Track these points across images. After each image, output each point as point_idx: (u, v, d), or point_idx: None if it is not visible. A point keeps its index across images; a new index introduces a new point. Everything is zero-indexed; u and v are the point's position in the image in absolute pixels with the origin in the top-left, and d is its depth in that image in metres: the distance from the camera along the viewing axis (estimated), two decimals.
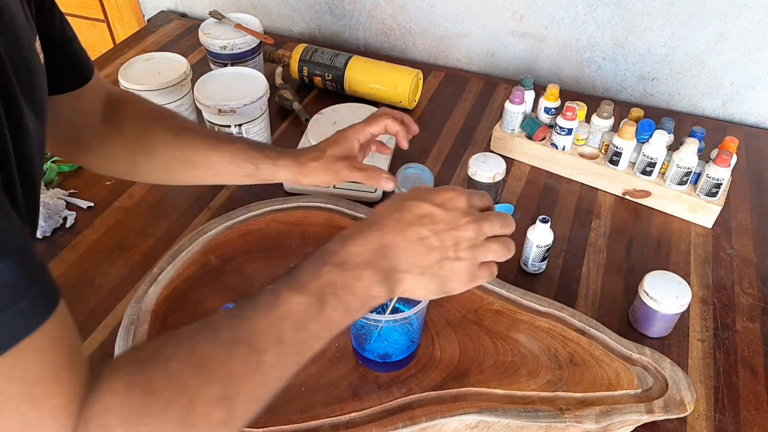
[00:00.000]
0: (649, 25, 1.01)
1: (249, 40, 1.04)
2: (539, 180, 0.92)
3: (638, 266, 0.79)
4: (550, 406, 0.59)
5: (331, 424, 0.58)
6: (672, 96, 1.08)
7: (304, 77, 1.08)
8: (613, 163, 0.87)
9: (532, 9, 1.07)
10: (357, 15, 1.20)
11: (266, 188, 0.90)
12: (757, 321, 0.73)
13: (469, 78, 1.14)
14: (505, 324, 0.67)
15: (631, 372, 0.62)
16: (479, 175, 0.83)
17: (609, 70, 1.09)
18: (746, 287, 0.77)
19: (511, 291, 0.69)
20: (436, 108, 1.07)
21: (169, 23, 1.31)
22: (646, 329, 0.70)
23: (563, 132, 0.88)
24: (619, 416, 0.58)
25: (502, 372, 0.62)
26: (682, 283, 0.68)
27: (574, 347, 0.64)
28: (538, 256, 0.75)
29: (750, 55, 0.98)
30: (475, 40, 1.15)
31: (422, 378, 0.61)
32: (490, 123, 1.03)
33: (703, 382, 0.66)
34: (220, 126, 0.87)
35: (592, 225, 0.85)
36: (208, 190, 0.90)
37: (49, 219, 0.82)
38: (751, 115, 1.05)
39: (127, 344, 0.63)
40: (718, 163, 0.79)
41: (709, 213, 0.83)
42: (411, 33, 1.19)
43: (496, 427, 0.59)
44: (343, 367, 0.63)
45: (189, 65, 0.93)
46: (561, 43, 1.09)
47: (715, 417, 0.63)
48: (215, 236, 0.75)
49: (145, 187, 0.90)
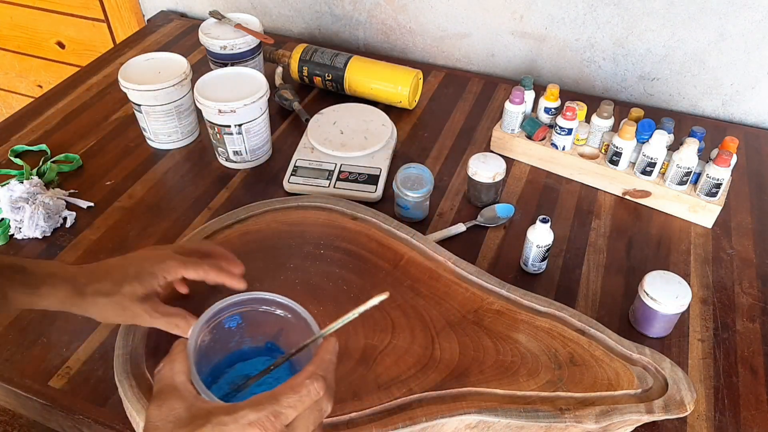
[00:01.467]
0: (649, 25, 1.01)
1: (249, 40, 1.04)
2: (539, 180, 0.92)
3: (638, 266, 0.79)
4: (550, 406, 0.59)
5: (331, 424, 0.58)
6: (672, 96, 1.08)
7: (304, 77, 1.08)
8: (613, 163, 0.87)
9: (532, 9, 1.07)
10: (357, 15, 1.20)
11: (266, 188, 0.90)
12: (757, 321, 0.73)
13: (469, 78, 1.14)
14: (505, 324, 0.67)
15: (631, 372, 0.62)
16: (479, 175, 0.83)
17: (609, 70, 1.09)
18: (746, 287, 0.77)
19: (511, 291, 0.69)
20: (436, 108, 1.07)
21: (169, 23, 1.31)
22: (646, 329, 0.70)
23: (563, 132, 0.88)
24: (619, 416, 0.58)
25: (502, 372, 0.62)
26: (682, 283, 0.68)
27: (574, 347, 0.64)
28: (538, 256, 0.75)
29: (750, 55, 0.98)
30: (475, 40, 1.15)
31: (422, 378, 0.61)
32: (490, 123, 1.03)
33: (703, 382, 0.66)
34: (220, 126, 0.87)
35: (592, 225, 0.85)
36: (208, 190, 0.90)
37: (49, 219, 0.82)
38: (751, 115, 1.05)
39: (128, 344, 0.63)
40: (718, 163, 0.79)
41: (709, 213, 0.83)
42: (411, 33, 1.19)
43: (496, 427, 0.59)
44: (343, 367, 0.63)
45: (189, 65, 0.93)
46: (561, 43, 1.09)
47: (715, 417, 0.63)
48: (215, 236, 0.75)
49: (145, 187, 0.90)
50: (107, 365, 0.66)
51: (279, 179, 0.90)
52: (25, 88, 1.70)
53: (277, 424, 0.40)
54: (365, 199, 0.86)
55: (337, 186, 0.87)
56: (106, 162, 0.94)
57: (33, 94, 1.70)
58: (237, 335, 0.56)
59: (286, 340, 0.55)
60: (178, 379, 0.44)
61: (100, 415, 0.63)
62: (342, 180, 0.87)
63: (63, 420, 0.65)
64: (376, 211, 0.79)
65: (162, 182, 0.91)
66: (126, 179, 0.91)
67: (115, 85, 1.10)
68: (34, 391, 0.65)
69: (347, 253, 0.74)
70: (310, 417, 0.43)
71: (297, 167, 0.89)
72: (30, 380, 0.66)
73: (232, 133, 0.88)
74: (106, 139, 0.99)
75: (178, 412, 0.41)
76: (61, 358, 0.68)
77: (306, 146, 0.92)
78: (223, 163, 0.94)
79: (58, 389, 0.65)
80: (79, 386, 0.65)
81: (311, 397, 0.42)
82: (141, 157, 0.95)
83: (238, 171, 0.93)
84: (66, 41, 1.53)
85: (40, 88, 1.68)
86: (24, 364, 0.67)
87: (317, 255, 0.73)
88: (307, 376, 0.43)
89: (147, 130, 0.95)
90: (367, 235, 0.75)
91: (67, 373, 0.66)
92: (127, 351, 0.62)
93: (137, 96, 0.90)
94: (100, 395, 0.64)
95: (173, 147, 0.97)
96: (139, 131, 0.98)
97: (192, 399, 0.42)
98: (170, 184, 0.91)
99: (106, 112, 1.05)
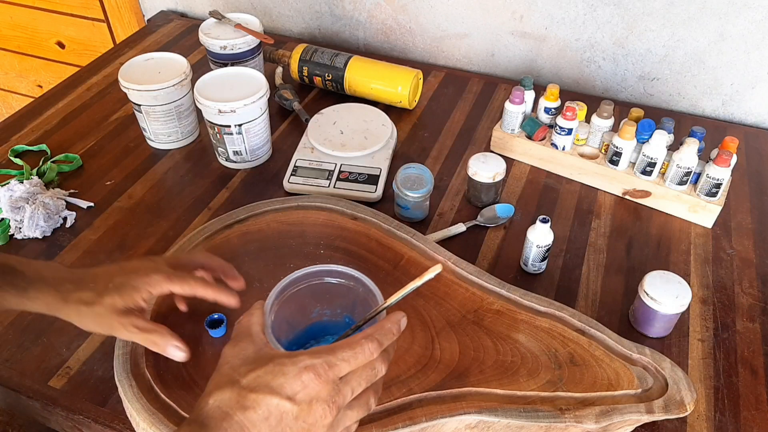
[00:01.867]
0: (649, 25, 1.01)
1: (249, 40, 1.04)
2: (539, 180, 0.92)
3: (638, 266, 0.79)
4: (550, 406, 0.59)
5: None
6: (672, 96, 1.08)
7: (304, 77, 1.08)
8: (613, 163, 0.87)
9: (532, 9, 1.07)
10: (357, 15, 1.20)
11: (266, 188, 0.90)
12: (757, 321, 0.73)
13: (469, 78, 1.14)
14: (505, 324, 0.67)
15: (631, 372, 0.62)
16: (479, 175, 0.83)
17: (609, 70, 1.09)
18: (746, 287, 0.77)
19: (511, 291, 0.69)
20: (436, 108, 1.07)
21: (169, 23, 1.31)
22: (646, 329, 0.70)
23: (563, 132, 0.88)
24: (619, 416, 0.58)
25: (502, 372, 0.62)
26: (682, 283, 0.68)
27: (574, 347, 0.64)
28: (538, 256, 0.75)
29: (750, 55, 0.98)
30: (475, 40, 1.15)
31: (422, 378, 0.61)
32: (490, 123, 1.03)
33: (703, 382, 0.66)
34: (220, 126, 0.87)
35: (592, 225, 0.85)
36: (207, 190, 0.90)
37: (49, 219, 0.82)
38: (751, 115, 1.05)
39: (128, 344, 0.63)
40: (718, 163, 0.79)
41: (709, 213, 0.83)
42: (411, 33, 1.19)
43: (496, 427, 0.59)
44: None
45: (189, 65, 0.93)
46: (561, 43, 1.09)
47: (715, 417, 0.63)
48: (215, 236, 0.75)
49: (145, 187, 0.90)
50: (107, 365, 0.66)
51: (279, 179, 0.90)
52: (25, 88, 1.71)
53: (330, 373, 0.44)
54: (365, 199, 0.86)
55: (337, 186, 0.87)
56: (106, 162, 0.94)
57: (33, 94, 1.70)
58: (317, 307, 0.61)
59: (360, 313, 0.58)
60: (253, 328, 0.49)
61: (100, 415, 0.63)
62: (342, 180, 0.87)
63: (63, 420, 0.65)
64: (376, 211, 0.79)
65: (162, 182, 0.91)
66: (126, 179, 0.91)
67: (115, 85, 1.10)
68: (34, 391, 0.65)
69: (347, 253, 0.74)
70: (363, 374, 0.46)
71: (297, 167, 0.89)
72: (30, 380, 0.66)
73: (232, 133, 0.88)
74: (106, 139, 0.99)
75: (247, 352, 0.47)
76: (61, 358, 0.68)
77: (306, 146, 0.92)
78: (223, 163, 0.94)
79: (58, 389, 0.65)
80: (79, 386, 0.65)
81: (365, 355, 0.45)
82: (141, 157, 0.95)
83: (238, 171, 0.93)
84: (66, 41, 1.53)
85: (40, 88, 1.68)
86: (24, 364, 0.67)
87: (317, 255, 0.73)
88: (364, 336, 0.46)
89: (147, 130, 0.95)
90: (367, 235, 0.75)
91: (67, 373, 0.66)
92: (127, 351, 0.62)
93: (137, 96, 0.90)
94: (100, 395, 0.64)
95: (173, 147, 0.97)
96: (139, 131, 0.98)
97: (261, 344, 0.48)
98: (170, 184, 0.91)
99: (106, 112, 1.05)
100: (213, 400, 0.44)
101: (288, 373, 0.43)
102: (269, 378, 0.43)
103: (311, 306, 0.60)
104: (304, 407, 0.43)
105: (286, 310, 0.57)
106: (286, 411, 0.43)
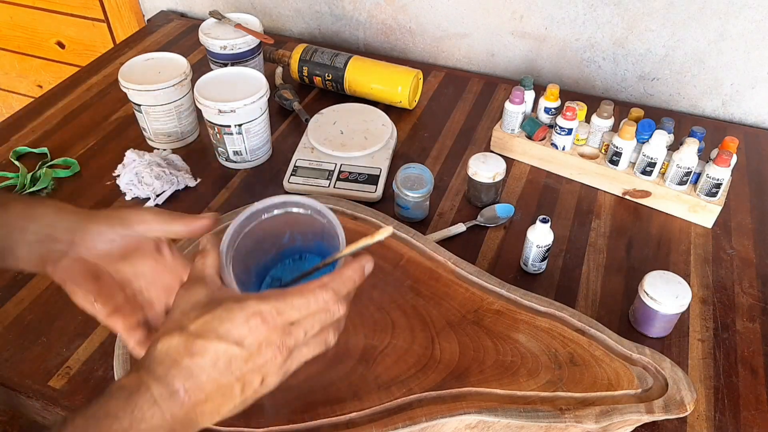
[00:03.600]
0: (649, 25, 1.01)
1: (249, 40, 1.04)
2: (539, 180, 0.92)
3: (638, 266, 0.79)
4: (550, 406, 0.59)
5: (331, 424, 0.58)
6: (672, 96, 1.08)
7: (304, 77, 1.08)
8: (613, 163, 0.87)
9: (532, 9, 1.07)
10: (357, 15, 1.20)
11: (266, 188, 0.90)
12: (757, 321, 0.73)
13: (469, 78, 1.14)
14: (505, 324, 0.67)
15: (631, 372, 0.62)
16: (479, 175, 0.83)
17: (609, 70, 1.09)
18: (746, 287, 0.77)
19: (511, 291, 0.69)
20: (436, 108, 1.07)
21: (169, 23, 1.31)
22: (646, 329, 0.70)
23: (563, 132, 0.88)
24: (619, 416, 0.58)
25: (502, 372, 0.62)
26: (682, 283, 0.68)
27: (574, 347, 0.64)
28: (538, 256, 0.75)
29: (750, 55, 0.98)
30: (475, 40, 1.15)
31: (422, 378, 0.61)
32: (490, 123, 1.03)
33: (703, 382, 0.66)
34: (220, 126, 0.87)
35: (592, 225, 0.85)
36: (207, 190, 0.90)
37: None
38: (751, 115, 1.05)
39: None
40: (718, 163, 0.79)
41: (709, 213, 0.83)
42: (411, 33, 1.19)
43: (496, 427, 0.59)
44: (343, 367, 0.63)
45: (189, 65, 0.93)
46: (561, 43, 1.09)
47: (715, 417, 0.63)
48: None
49: None
50: (107, 365, 0.66)
51: (279, 179, 0.90)
52: (25, 88, 1.71)
53: (278, 319, 0.43)
54: (365, 199, 0.86)
55: (337, 186, 0.87)
56: (106, 162, 0.94)
57: (33, 94, 1.70)
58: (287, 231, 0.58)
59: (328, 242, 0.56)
60: (207, 271, 0.48)
61: None
62: (342, 180, 0.87)
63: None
64: (376, 211, 0.79)
65: None
66: None
67: (115, 85, 1.10)
68: (34, 391, 0.65)
69: None
70: (316, 317, 0.45)
71: (297, 167, 0.89)
72: (30, 380, 0.66)
73: (232, 133, 0.88)
74: (106, 139, 0.99)
75: (198, 297, 0.46)
76: (61, 358, 0.68)
77: (306, 146, 0.92)
78: (223, 163, 0.94)
79: (58, 389, 0.65)
80: (79, 386, 0.65)
81: (318, 304, 0.44)
82: None
83: (238, 171, 0.93)
84: (66, 41, 1.53)
85: (40, 88, 1.68)
86: (24, 364, 0.67)
87: None
88: (319, 285, 0.45)
89: (147, 130, 0.95)
90: (366, 235, 0.75)
91: (67, 373, 0.66)
92: (127, 351, 0.62)
93: (137, 96, 0.90)
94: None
95: (173, 147, 0.97)
96: (139, 131, 0.98)
97: (214, 288, 0.47)
98: None
99: (106, 112, 1.05)
100: (161, 346, 0.43)
101: (235, 319, 0.43)
102: (216, 324, 0.43)
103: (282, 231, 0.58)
104: (253, 351, 0.43)
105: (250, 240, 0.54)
106: (234, 355, 0.43)
